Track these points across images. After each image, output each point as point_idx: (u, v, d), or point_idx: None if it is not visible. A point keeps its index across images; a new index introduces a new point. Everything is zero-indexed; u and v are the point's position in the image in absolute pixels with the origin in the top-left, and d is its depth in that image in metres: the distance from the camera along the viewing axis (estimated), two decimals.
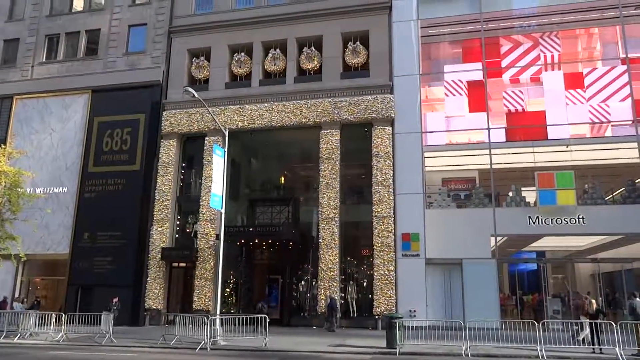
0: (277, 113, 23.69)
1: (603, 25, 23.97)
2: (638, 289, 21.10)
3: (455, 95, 24.23)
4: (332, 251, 21.63)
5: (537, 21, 24.12)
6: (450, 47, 25.85)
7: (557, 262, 29.50)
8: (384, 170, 21.94)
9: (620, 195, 22.55)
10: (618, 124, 22.41)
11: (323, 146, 22.93)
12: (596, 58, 24.48)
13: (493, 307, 20.10)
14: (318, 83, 23.90)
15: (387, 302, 20.58)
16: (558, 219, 20.93)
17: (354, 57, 23.86)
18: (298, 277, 23.31)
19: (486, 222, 21.11)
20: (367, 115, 22.67)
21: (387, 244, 21.14)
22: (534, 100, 23.88)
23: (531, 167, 22.91)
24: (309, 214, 23.76)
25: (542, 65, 24.13)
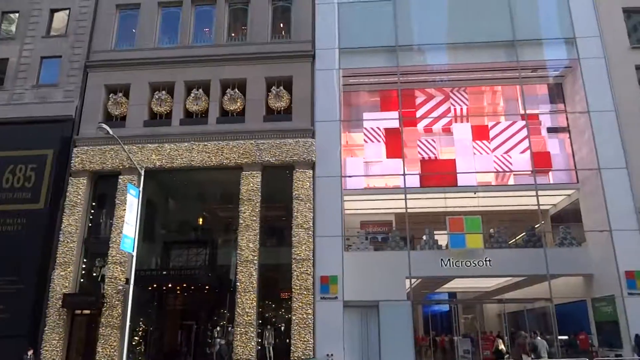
0: (197, 153, 23.31)
1: (505, 84, 26.30)
2: (539, 327, 22.55)
3: (373, 142, 25.26)
4: (249, 295, 21.11)
5: (448, 77, 25.96)
6: (370, 96, 27.11)
7: (467, 303, 30.88)
8: (304, 213, 22.09)
9: (522, 240, 24.22)
10: (519, 173, 24.31)
11: (244, 187, 22.76)
12: (499, 113, 26.68)
13: (408, 348, 20.39)
14: (241, 125, 23.94)
15: (305, 347, 20.26)
16: (467, 262, 21.98)
17: (277, 101, 24.27)
18: (213, 323, 22.43)
19: (401, 264, 21.70)
20: (289, 158, 22.92)
21: (305, 286, 21.03)
22: (445, 149, 25.43)
23: (443, 212, 24.14)
24: (227, 257, 23.20)
25: (452, 117, 25.89)
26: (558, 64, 24.92)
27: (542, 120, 25.58)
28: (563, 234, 23.07)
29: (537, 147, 24.40)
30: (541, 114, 25.61)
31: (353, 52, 24.99)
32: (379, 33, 25.16)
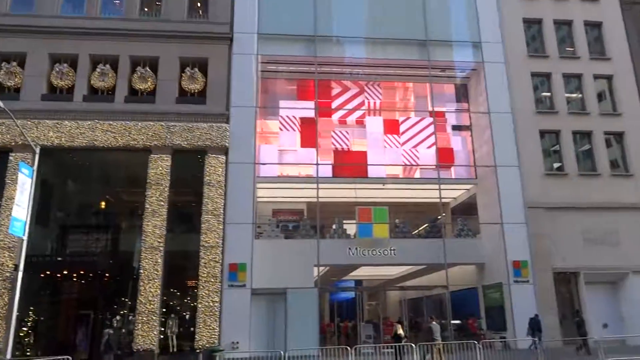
0: (101, 132, 21.96)
1: (416, 82, 27.48)
2: (435, 312, 24.05)
3: (288, 130, 25.34)
4: (153, 282, 20.41)
5: (363, 71, 26.62)
6: (287, 84, 27.08)
7: (371, 290, 32.14)
8: (215, 199, 21.68)
9: (424, 230, 25.63)
10: (425, 167, 25.62)
11: (152, 171, 21.84)
12: (410, 109, 27.84)
13: (313, 334, 20.87)
14: (151, 105, 22.86)
15: (210, 335, 20.02)
16: (373, 250, 22.85)
17: (191, 83, 23.47)
18: (113, 312, 21.45)
19: (311, 252, 22.08)
20: (201, 143, 22.31)
21: (213, 274, 20.74)
22: (358, 140, 26.11)
23: (353, 202, 24.84)
24: (131, 243, 22.18)
25: (366, 110, 26.62)
26: (465, 65, 26.46)
27: (447, 118, 27.09)
28: (461, 226, 24.75)
29: (442, 143, 25.82)
30: (447, 112, 27.11)
31: (272, 38, 24.77)
32: (298, 21, 25.15)
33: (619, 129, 25.17)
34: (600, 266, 22.82)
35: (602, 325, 21.97)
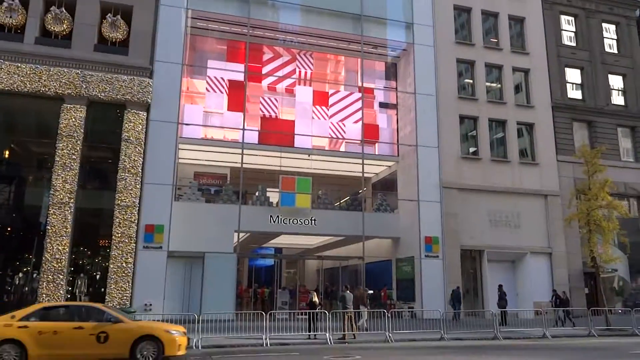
0: (7, 74, 19.92)
1: (348, 56, 27.62)
2: (350, 282, 24.82)
3: (215, 92, 24.56)
4: (61, 240, 19.19)
5: (297, 38, 26.28)
6: (216, 43, 26.13)
7: (290, 259, 32.57)
8: (133, 157, 20.62)
9: (345, 203, 26.22)
10: (350, 141, 26.04)
11: (64, 122, 20.25)
12: (340, 82, 28.04)
13: (230, 299, 20.83)
14: (66, 50, 21.05)
15: (122, 296, 19.31)
16: (295, 220, 23.07)
17: (113, 31, 21.86)
18: (15, 269, 19.98)
19: (232, 218, 21.83)
20: (121, 96, 20.98)
21: (128, 234, 19.89)
22: (286, 109, 25.93)
23: (277, 170, 24.79)
24: (38, 197, 20.59)
25: (296, 79, 26.40)
26: (396, 45, 26.99)
27: (376, 95, 27.61)
28: (380, 201, 25.60)
29: (368, 120, 26.33)
30: (376, 89, 27.60)
31: None
32: None
33: (530, 120, 27.04)
34: (502, 246, 24.69)
35: None
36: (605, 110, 28.45)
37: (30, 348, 10.60)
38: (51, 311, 11.73)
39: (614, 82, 29.75)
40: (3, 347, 10.48)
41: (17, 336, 10.63)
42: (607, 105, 28.66)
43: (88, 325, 11.22)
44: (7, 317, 11.18)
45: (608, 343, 16.45)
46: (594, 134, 28.05)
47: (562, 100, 27.98)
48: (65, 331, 10.98)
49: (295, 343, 15.24)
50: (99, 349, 11.08)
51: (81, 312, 11.83)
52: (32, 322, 10.98)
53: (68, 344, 10.91)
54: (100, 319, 11.47)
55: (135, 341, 11.24)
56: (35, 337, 10.69)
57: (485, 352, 13.85)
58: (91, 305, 12.43)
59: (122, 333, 11.30)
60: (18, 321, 10.92)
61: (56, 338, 10.85)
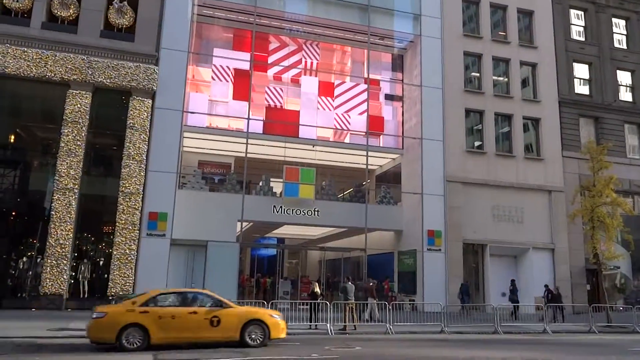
0: (13, 59, 19.93)
1: (355, 46, 27.45)
2: (352, 274, 24.92)
3: (221, 81, 24.50)
4: (66, 225, 19.28)
5: (303, 28, 26.12)
6: (223, 31, 26.02)
7: (292, 249, 32.65)
8: (137, 144, 20.64)
9: (348, 195, 26.22)
10: (355, 133, 25.97)
11: (69, 107, 20.27)
12: (346, 73, 27.92)
13: (232, 288, 20.93)
14: (72, 36, 21.02)
15: (124, 283, 19.45)
16: (298, 210, 23.09)
17: (119, 17, 21.79)
18: (19, 253, 20.11)
19: (235, 207, 21.87)
20: (127, 83, 20.96)
21: (132, 221, 19.97)
22: (291, 99, 25.87)
23: (281, 161, 24.80)
24: (43, 182, 20.70)
25: (302, 69, 26.30)
26: (403, 36, 26.79)
27: (382, 86, 27.47)
28: (384, 193, 25.58)
29: (373, 111, 26.22)
30: (382, 81, 27.47)
31: None
32: None
33: (537, 115, 26.86)
34: (505, 241, 24.67)
35: (500, 294, 23.93)
36: (612, 107, 28.24)
37: (152, 331, 11.29)
38: (166, 297, 12.32)
39: (622, 78, 29.48)
40: (128, 330, 11.16)
41: (140, 320, 11.30)
42: (615, 101, 28.43)
43: (201, 310, 11.93)
44: (128, 303, 11.90)
45: (608, 340, 16.46)
46: (601, 130, 27.87)
47: (569, 95, 27.78)
48: (182, 316, 11.67)
49: (296, 333, 15.30)
50: (213, 332, 11.79)
51: (193, 298, 12.47)
52: (151, 307, 11.61)
53: (185, 328, 11.61)
54: (210, 305, 12.18)
55: (244, 325, 11.98)
56: (156, 321, 11.37)
57: (485, 346, 13.89)
58: (201, 292, 13.21)
59: (232, 317, 12.03)
60: (139, 307, 11.55)
61: (174, 322, 11.53)
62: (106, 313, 11.42)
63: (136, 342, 11.16)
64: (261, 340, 12.02)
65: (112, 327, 11.11)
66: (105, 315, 11.33)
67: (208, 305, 12.13)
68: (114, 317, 11.29)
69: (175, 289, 14.49)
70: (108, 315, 11.34)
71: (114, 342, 11.13)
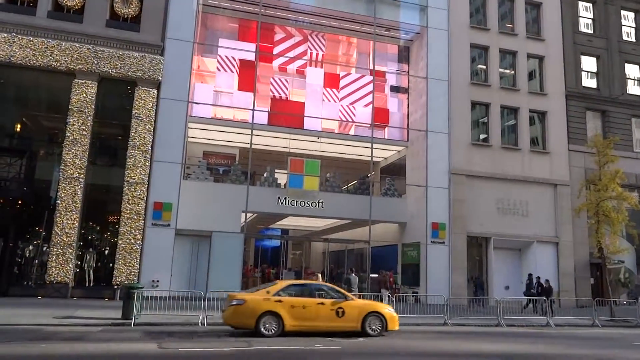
0: (19, 48, 19.96)
1: (361, 38, 27.30)
2: (355, 265, 24.98)
3: (226, 71, 24.45)
4: (71, 214, 19.41)
5: (309, 19, 25.96)
6: (228, 21, 25.93)
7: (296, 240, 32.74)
8: (143, 134, 20.69)
9: (353, 186, 26.21)
10: (360, 125, 25.90)
11: (75, 97, 20.33)
12: (351, 64, 27.79)
13: (236, 278, 21.05)
14: (78, 25, 21.01)
15: (129, 272, 19.58)
16: (302, 202, 23.11)
17: (125, 7, 21.75)
18: (25, 241, 20.26)
19: (240, 198, 21.91)
20: (132, 73, 20.97)
21: (137, 211, 20.06)
22: (296, 90, 25.81)
23: (286, 152, 24.77)
24: (49, 171, 20.77)
25: (307, 61, 26.20)
26: (409, 28, 26.57)
27: (387, 78, 27.34)
28: (388, 185, 25.55)
29: (379, 103, 26.14)
30: (388, 73, 27.32)
31: None
32: None
33: (543, 108, 26.69)
34: (509, 234, 24.62)
35: (504, 287, 23.96)
36: (620, 100, 28.02)
37: (286, 319, 12.24)
38: (295, 288, 13.35)
39: (630, 72, 29.21)
40: (265, 317, 12.11)
41: (275, 309, 12.26)
42: (622, 94, 28.20)
43: (327, 301, 12.92)
44: (263, 292, 12.80)
45: (611, 333, 16.47)
46: (608, 124, 27.68)
47: (577, 88, 27.57)
48: (311, 306, 12.66)
49: None
50: (338, 322, 12.80)
51: (319, 289, 13.51)
52: (283, 297, 12.55)
53: (314, 317, 12.60)
54: (334, 297, 13.17)
55: (364, 316, 12.97)
56: (289, 310, 12.35)
57: (489, 338, 13.92)
58: (326, 284, 14.40)
59: (355, 309, 13.01)
60: (272, 296, 12.49)
61: (304, 311, 12.52)
62: (245, 300, 12.28)
63: (272, 329, 12.08)
64: (380, 330, 12.97)
65: (252, 314, 12.05)
66: (244, 303, 12.20)
67: (333, 297, 13.09)
68: (252, 305, 12.18)
69: (303, 281, 16.03)
70: (247, 303, 12.21)
71: (252, 328, 12.03)
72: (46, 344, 10.37)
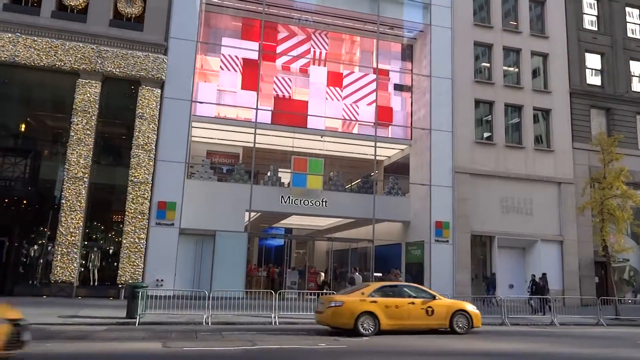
0: (24, 48, 20.03)
1: (364, 36, 27.25)
2: (359, 264, 24.97)
3: (230, 70, 24.44)
4: (76, 214, 19.49)
5: (312, 17, 25.92)
6: (231, 20, 25.93)
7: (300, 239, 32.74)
8: (147, 134, 20.74)
9: (356, 185, 26.19)
10: (363, 124, 25.85)
11: (79, 97, 20.39)
12: (355, 63, 27.74)
13: (240, 277, 21.07)
14: (81, 25, 21.07)
15: (134, 271, 19.65)
16: (306, 201, 23.10)
17: (128, 7, 21.80)
18: (30, 241, 20.34)
19: (243, 197, 21.93)
20: (135, 73, 21.02)
21: (141, 210, 20.12)
22: (300, 89, 25.77)
23: (289, 151, 24.78)
24: (53, 171, 20.85)
25: (311, 59, 26.17)
26: (413, 26, 26.51)
27: (390, 77, 27.28)
28: (392, 184, 25.51)
29: (382, 102, 26.07)
30: (391, 71, 27.27)
31: None
32: None
33: (547, 106, 26.58)
34: (513, 232, 24.55)
35: (508, 285, 23.90)
36: (624, 98, 27.88)
37: (381, 319, 12.89)
38: (387, 289, 14.00)
39: (635, 69, 29.04)
40: (363, 318, 12.76)
41: (371, 309, 12.94)
42: (627, 92, 28.06)
43: (417, 300, 13.61)
44: (358, 293, 13.49)
45: (617, 332, 16.40)
46: (612, 122, 27.55)
47: (581, 86, 27.44)
48: (404, 305, 13.36)
49: (303, 322, 15.41)
50: (428, 320, 13.56)
51: (407, 289, 14.23)
52: (377, 297, 13.21)
53: (406, 316, 13.31)
54: (423, 296, 13.87)
55: (452, 314, 13.71)
56: (383, 309, 13.03)
57: (491, 337, 13.88)
58: (415, 285, 15.11)
59: (443, 308, 13.75)
60: (367, 297, 13.17)
61: (397, 311, 13.18)
62: (344, 302, 12.90)
63: (370, 328, 12.69)
64: (466, 328, 13.70)
65: (351, 314, 12.66)
66: (343, 304, 12.81)
67: (422, 297, 13.77)
68: (350, 306, 12.81)
69: (394, 282, 16.69)
70: (345, 304, 12.82)
71: (351, 328, 12.61)
72: (51, 343, 10.40)
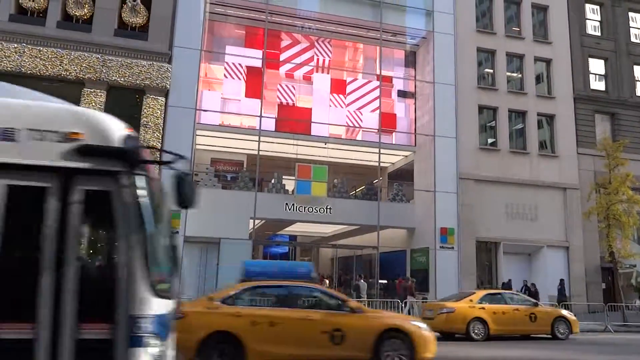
0: (29, 58, 20.20)
1: (367, 43, 27.34)
2: (364, 271, 24.90)
3: (233, 78, 24.54)
4: None
5: (315, 25, 26.05)
6: (235, 29, 26.07)
7: (305, 246, 32.71)
8: (151, 142, 20.76)
9: (361, 192, 26.16)
10: (367, 130, 25.88)
11: (84, 106, 20.50)
12: (358, 70, 27.80)
13: None
14: (87, 35, 21.23)
15: None
16: (310, 208, 23.08)
17: (133, 16, 21.95)
18: None
19: (247, 204, 21.93)
20: (140, 82, 21.14)
21: None
22: (303, 97, 25.82)
23: (293, 158, 24.78)
24: None
25: (314, 67, 26.25)
26: (415, 32, 26.60)
27: (394, 83, 27.33)
28: (396, 191, 25.48)
29: (386, 108, 26.11)
30: (394, 78, 27.32)
31: None
32: None
33: (551, 112, 26.54)
34: (518, 238, 24.44)
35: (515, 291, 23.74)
36: (629, 102, 27.82)
37: (490, 324, 13.54)
38: (491, 296, 14.93)
39: (639, 74, 29.00)
40: (473, 323, 13.41)
41: (481, 315, 13.63)
42: (632, 97, 28.01)
43: (521, 307, 14.56)
44: (466, 300, 14.23)
45: (624, 339, 16.27)
46: (617, 127, 27.46)
47: (585, 91, 27.41)
48: (509, 312, 14.18)
49: None
50: (532, 326, 14.45)
51: (510, 296, 15.21)
52: (484, 304, 14.01)
53: (512, 322, 14.06)
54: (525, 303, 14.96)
55: (553, 320, 14.85)
56: (491, 315, 13.69)
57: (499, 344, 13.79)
58: (514, 292, 16.67)
59: (545, 314, 14.83)
60: (476, 304, 13.99)
61: (504, 317, 13.88)
62: (455, 309, 13.57)
63: (481, 333, 13.34)
64: (567, 333, 14.68)
65: (463, 320, 13.32)
66: (455, 311, 13.48)
67: (524, 304, 14.70)
68: (462, 312, 13.49)
69: (497, 290, 17.61)
70: (457, 311, 13.51)
71: (463, 333, 13.27)
72: None
